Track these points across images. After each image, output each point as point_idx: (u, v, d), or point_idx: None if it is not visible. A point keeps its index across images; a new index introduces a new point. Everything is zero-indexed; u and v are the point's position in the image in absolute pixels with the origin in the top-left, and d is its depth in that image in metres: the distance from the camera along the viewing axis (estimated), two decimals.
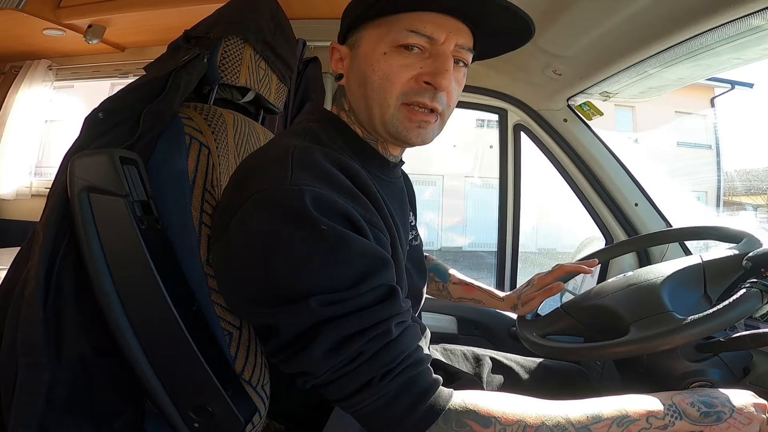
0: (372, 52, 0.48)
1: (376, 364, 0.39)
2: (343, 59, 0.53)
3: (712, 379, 0.53)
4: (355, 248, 0.40)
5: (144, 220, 0.45)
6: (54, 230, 0.45)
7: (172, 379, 0.45)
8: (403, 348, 0.40)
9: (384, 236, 0.45)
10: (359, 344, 0.38)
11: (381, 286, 0.40)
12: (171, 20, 1.48)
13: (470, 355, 0.79)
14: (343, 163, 0.45)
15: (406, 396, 0.39)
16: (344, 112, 0.54)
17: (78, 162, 0.44)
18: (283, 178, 0.40)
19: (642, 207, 1.14)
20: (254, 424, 0.50)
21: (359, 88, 0.50)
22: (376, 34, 0.48)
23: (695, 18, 0.69)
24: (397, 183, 0.59)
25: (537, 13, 0.88)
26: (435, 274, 0.86)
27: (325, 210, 0.39)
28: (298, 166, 0.42)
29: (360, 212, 0.42)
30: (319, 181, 0.41)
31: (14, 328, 0.44)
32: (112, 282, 0.43)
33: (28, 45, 1.81)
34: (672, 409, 0.41)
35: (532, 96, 1.23)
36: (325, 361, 0.38)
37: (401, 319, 0.41)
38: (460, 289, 0.83)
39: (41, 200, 1.96)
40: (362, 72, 0.49)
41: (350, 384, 0.39)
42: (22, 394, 0.43)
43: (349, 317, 0.38)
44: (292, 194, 0.39)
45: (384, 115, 0.48)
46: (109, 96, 0.50)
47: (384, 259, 0.42)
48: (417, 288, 0.62)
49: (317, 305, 0.38)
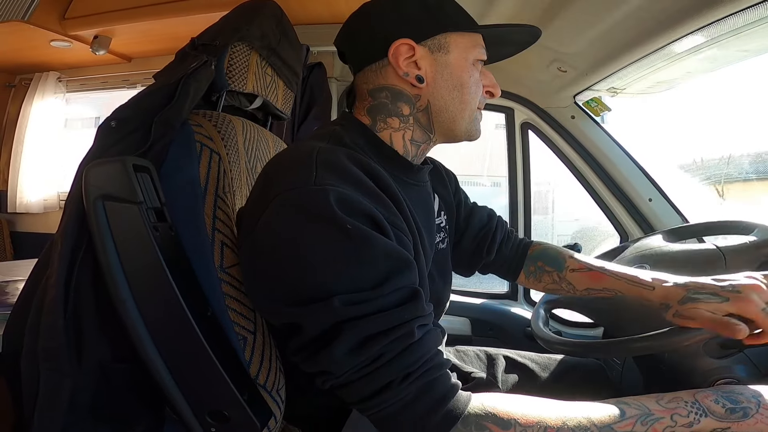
0: (465, 60, 0.53)
1: (397, 366, 0.39)
2: (418, 60, 0.51)
3: (738, 375, 0.52)
4: (379, 248, 0.40)
5: (158, 227, 0.46)
6: (72, 239, 0.46)
7: (188, 384, 0.45)
8: (424, 351, 0.40)
9: (407, 239, 0.45)
10: (381, 345, 0.38)
11: (404, 287, 0.40)
12: (176, 30, 1.50)
13: (483, 355, 0.78)
14: (367, 165, 0.46)
15: (426, 399, 0.39)
16: (394, 118, 0.53)
17: (92, 171, 0.45)
18: (307, 179, 0.41)
19: (656, 202, 1.12)
20: (270, 429, 0.50)
21: (452, 92, 0.52)
22: (464, 44, 0.53)
23: (700, 10, 0.69)
24: (423, 187, 0.59)
25: (540, 10, 0.88)
26: (544, 262, 0.69)
27: (350, 210, 0.40)
28: (323, 167, 0.42)
29: (383, 213, 0.42)
30: (344, 182, 0.42)
31: (35, 335, 0.45)
32: (129, 288, 0.44)
33: (36, 57, 1.85)
34: (696, 406, 0.40)
35: (538, 94, 1.22)
36: (347, 361, 0.38)
37: (424, 321, 0.41)
38: (585, 278, 0.63)
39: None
40: (458, 78, 0.52)
41: (370, 385, 0.39)
42: (45, 401, 0.44)
43: (372, 317, 0.38)
44: (317, 194, 0.40)
45: (470, 117, 0.54)
46: (120, 105, 0.51)
47: (407, 261, 0.42)
48: (440, 293, 0.61)
49: (341, 304, 0.38)
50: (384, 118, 0.53)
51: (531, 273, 0.71)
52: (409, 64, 0.51)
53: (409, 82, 0.51)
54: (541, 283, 0.70)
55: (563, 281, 0.66)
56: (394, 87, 0.52)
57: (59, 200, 2.06)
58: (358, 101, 0.55)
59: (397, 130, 0.53)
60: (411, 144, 0.55)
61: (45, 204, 2.05)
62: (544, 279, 0.69)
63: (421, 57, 0.51)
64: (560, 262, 0.67)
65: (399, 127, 0.53)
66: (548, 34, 0.94)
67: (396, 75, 0.51)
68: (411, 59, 0.51)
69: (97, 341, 0.46)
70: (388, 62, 0.51)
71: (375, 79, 0.53)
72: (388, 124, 0.53)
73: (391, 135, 0.54)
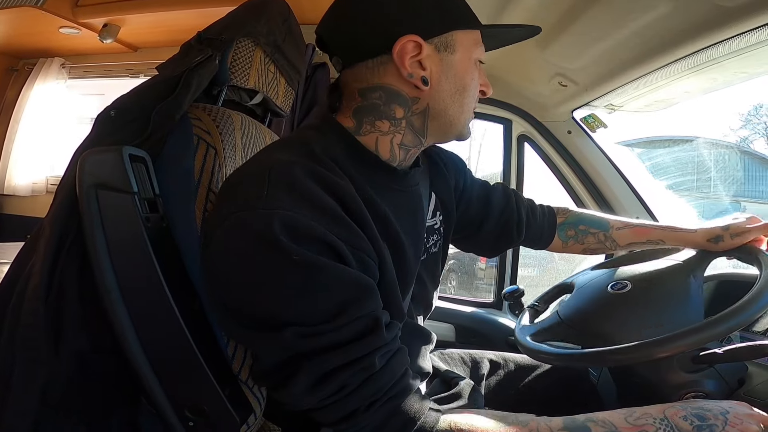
0: (468, 61, 0.48)
1: (360, 396, 0.38)
2: (424, 60, 0.45)
3: (707, 390, 0.53)
4: (332, 278, 0.38)
5: (150, 218, 0.46)
6: (60, 226, 0.46)
7: (169, 376, 0.45)
8: (387, 379, 0.39)
9: (371, 259, 0.42)
10: (342, 378, 0.38)
11: (362, 317, 0.39)
12: (184, 21, 1.51)
13: (468, 358, 0.78)
14: (328, 181, 0.42)
15: (392, 424, 0.39)
16: (384, 121, 0.48)
17: (88, 158, 0.45)
18: (257, 199, 0.39)
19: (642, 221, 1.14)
20: (249, 425, 0.49)
21: (455, 95, 0.48)
22: (468, 42, 0.48)
23: (702, 31, 0.70)
24: (412, 191, 0.54)
25: (546, 24, 0.89)
26: (587, 224, 0.73)
27: (298, 237, 0.37)
28: (275, 185, 0.39)
29: (342, 236, 0.39)
30: (296, 203, 0.39)
31: (15, 322, 0.45)
32: (116, 278, 0.44)
33: (43, 42, 1.85)
34: (665, 423, 0.41)
35: (537, 107, 1.24)
36: (309, 396, 0.38)
37: (386, 350, 0.40)
38: (630, 234, 0.70)
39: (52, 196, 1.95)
40: (462, 80, 0.48)
41: (335, 414, 0.39)
42: (18, 389, 0.43)
43: (330, 352, 0.37)
44: (262, 218, 0.37)
45: (466, 120, 0.51)
46: (121, 95, 0.51)
47: (366, 287, 0.40)
48: (429, 297, 0.61)
49: (293, 336, 0.37)
50: (372, 121, 0.48)
51: (570, 237, 0.74)
52: (413, 63, 0.45)
53: (411, 84, 0.46)
54: (583, 245, 0.73)
55: (608, 240, 0.71)
56: (392, 87, 0.46)
57: (47, 184, 2.05)
58: (345, 100, 0.49)
59: (386, 134, 0.48)
60: (399, 149, 0.49)
61: (33, 188, 2.03)
62: (588, 240, 0.73)
63: (427, 56, 0.45)
64: (605, 223, 0.73)
65: (388, 131, 0.48)
66: (553, 49, 0.95)
67: (397, 75, 0.45)
68: (416, 58, 0.45)
69: (77, 330, 0.45)
70: (391, 60, 0.45)
71: (370, 77, 0.46)
72: (376, 128, 0.48)
73: (377, 139, 0.48)
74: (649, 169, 1.44)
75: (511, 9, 0.88)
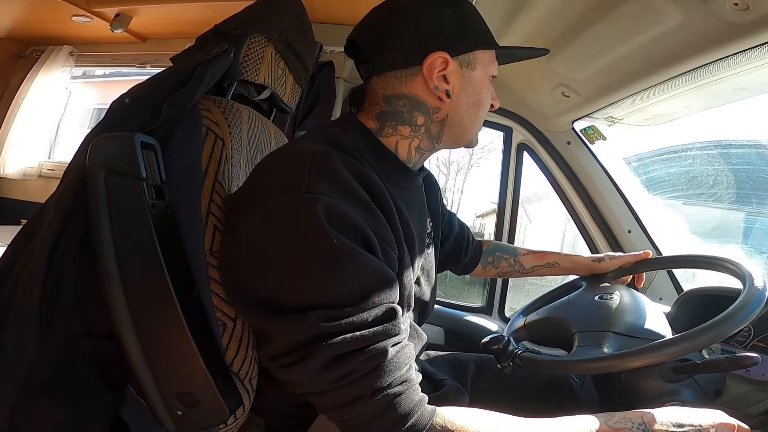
0: (485, 77, 0.54)
1: (367, 383, 0.39)
2: (448, 75, 0.50)
3: (685, 399, 0.55)
4: (363, 265, 0.40)
5: (155, 204, 0.46)
6: (65, 208, 0.46)
7: (161, 362, 0.45)
8: (395, 368, 0.40)
9: (393, 251, 0.45)
10: (354, 363, 0.39)
11: (382, 305, 0.40)
12: (196, 14, 1.51)
13: (454, 360, 0.79)
14: (361, 173, 0.45)
15: (392, 414, 0.40)
16: (406, 127, 0.52)
17: (100, 143, 0.45)
18: (299, 183, 0.40)
19: (635, 234, 1.16)
20: (236, 417, 0.49)
21: (471, 108, 0.54)
22: (486, 61, 0.54)
23: (707, 47, 0.72)
24: (418, 191, 0.60)
25: (553, 35, 0.91)
26: (501, 251, 0.87)
27: (338, 222, 0.39)
28: (316, 172, 0.42)
29: (372, 226, 0.42)
30: (335, 190, 0.41)
31: (9, 302, 0.45)
32: (117, 262, 0.44)
33: (53, 30, 1.84)
34: (642, 428, 0.42)
35: (538, 116, 1.25)
36: (320, 377, 0.39)
37: (398, 339, 0.41)
38: (533, 258, 0.85)
39: (46, 181, 1.94)
40: (479, 94, 0.54)
41: (340, 398, 0.40)
42: (4, 370, 0.43)
43: (348, 335, 0.38)
44: (306, 202, 0.39)
45: (478, 129, 0.57)
46: (136, 84, 0.52)
47: (389, 279, 0.42)
48: (425, 296, 0.62)
49: (317, 319, 0.38)
50: (395, 125, 0.52)
51: (489, 263, 0.88)
52: (439, 77, 0.50)
53: (436, 96, 0.51)
54: (498, 269, 0.88)
55: (517, 264, 0.86)
56: (417, 97, 0.51)
57: (41, 169, 2.04)
58: (368, 104, 0.53)
59: (406, 138, 0.53)
60: (416, 152, 0.55)
61: (25, 171, 2.02)
62: (501, 265, 0.87)
63: (451, 71, 0.50)
64: (514, 250, 0.88)
65: (408, 135, 0.53)
66: (558, 60, 0.97)
67: (424, 86, 0.50)
68: (442, 72, 0.50)
69: (69, 314, 0.45)
70: (419, 72, 0.50)
71: (397, 86, 0.51)
72: (398, 132, 0.53)
73: (397, 142, 0.53)
74: (666, 179, 1.44)
75: (520, 18, 0.90)
